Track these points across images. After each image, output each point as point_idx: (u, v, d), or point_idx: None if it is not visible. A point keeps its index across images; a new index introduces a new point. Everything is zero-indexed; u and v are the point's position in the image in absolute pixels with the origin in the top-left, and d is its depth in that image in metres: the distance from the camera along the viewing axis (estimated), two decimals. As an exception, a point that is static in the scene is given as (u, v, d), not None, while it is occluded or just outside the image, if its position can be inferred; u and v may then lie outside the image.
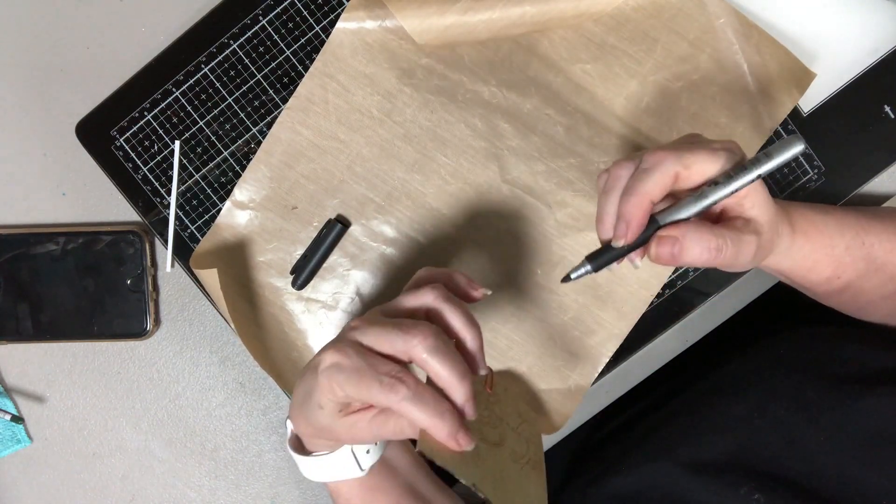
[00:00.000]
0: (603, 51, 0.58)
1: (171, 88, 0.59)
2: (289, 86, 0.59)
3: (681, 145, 0.42)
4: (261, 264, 0.60)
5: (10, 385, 0.62)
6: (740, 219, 0.43)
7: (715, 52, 0.57)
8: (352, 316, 0.60)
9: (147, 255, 0.60)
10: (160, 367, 0.62)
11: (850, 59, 0.58)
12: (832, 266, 0.50)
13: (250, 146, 0.59)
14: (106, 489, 0.63)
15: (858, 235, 0.50)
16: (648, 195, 0.41)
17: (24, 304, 0.60)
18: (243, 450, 0.63)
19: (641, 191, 0.41)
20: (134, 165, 0.59)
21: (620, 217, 0.42)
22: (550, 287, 0.59)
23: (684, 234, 0.41)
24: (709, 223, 0.42)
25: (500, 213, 0.59)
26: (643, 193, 0.41)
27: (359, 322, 0.44)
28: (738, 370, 0.59)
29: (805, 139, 0.59)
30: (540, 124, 0.58)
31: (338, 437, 0.45)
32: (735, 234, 0.42)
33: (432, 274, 0.47)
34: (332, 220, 0.59)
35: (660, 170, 0.41)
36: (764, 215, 0.44)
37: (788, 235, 0.48)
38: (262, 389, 0.63)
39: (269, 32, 0.58)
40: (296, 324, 0.60)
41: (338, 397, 0.42)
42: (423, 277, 0.47)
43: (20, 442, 0.62)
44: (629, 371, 0.62)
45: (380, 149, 0.59)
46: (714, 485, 0.50)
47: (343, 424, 0.44)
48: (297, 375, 0.61)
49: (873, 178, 0.60)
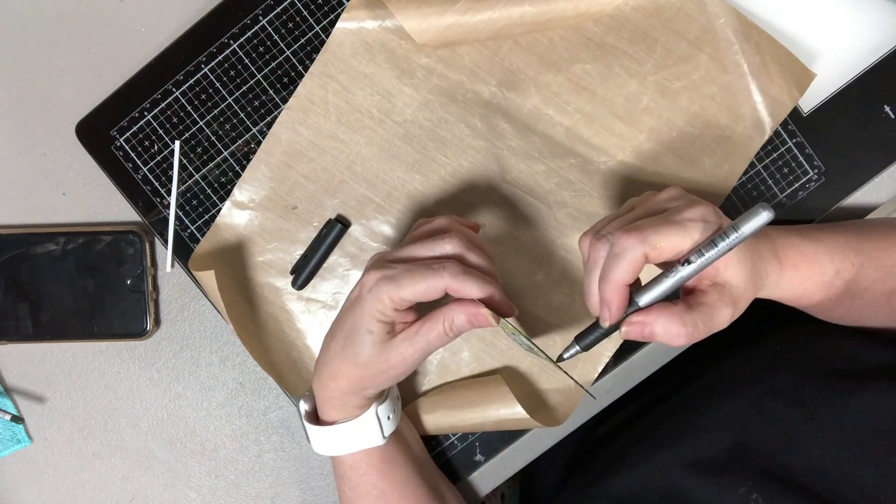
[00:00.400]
0: (603, 51, 0.58)
1: (171, 88, 0.59)
2: (289, 86, 0.59)
3: (648, 226, 0.43)
4: (261, 264, 0.60)
5: (10, 385, 0.62)
6: (714, 285, 0.44)
7: (715, 52, 0.57)
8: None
9: (147, 255, 0.60)
10: (160, 367, 0.62)
11: (850, 59, 0.58)
12: (822, 292, 0.50)
13: (250, 146, 0.59)
14: (106, 489, 0.63)
15: (848, 258, 0.50)
16: (621, 281, 0.43)
17: (24, 304, 0.60)
18: (243, 450, 0.63)
19: (614, 278, 0.43)
20: (134, 165, 0.59)
21: (602, 301, 0.44)
22: (550, 287, 0.59)
23: (654, 320, 0.43)
24: (682, 306, 0.43)
25: (500, 213, 0.59)
26: (616, 280, 0.43)
27: (379, 254, 0.50)
28: (734, 368, 0.59)
29: (805, 139, 0.59)
30: (540, 124, 0.58)
31: (388, 364, 0.48)
32: (706, 311, 0.43)
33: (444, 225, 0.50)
34: (332, 220, 0.59)
35: (627, 257, 0.42)
36: (737, 276, 0.44)
37: (776, 270, 0.48)
38: (262, 389, 0.63)
39: (269, 32, 0.58)
40: (296, 324, 0.60)
41: (388, 313, 0.46)
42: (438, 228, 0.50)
43: (20, 442, 0.62)
44: (629, 371, 0.62)
45: (380, 149, 0.59)
46: (713, 484, 0.50)
47: (393, 346, 0.47)
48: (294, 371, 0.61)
49: (873, 178, 0.60)
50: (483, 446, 0.62)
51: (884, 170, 0.60)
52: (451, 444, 0.62)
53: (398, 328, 0.48)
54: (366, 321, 0.47)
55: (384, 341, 0.48)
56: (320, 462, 0.63)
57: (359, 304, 0.48)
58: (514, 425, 0.58)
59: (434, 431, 0.60)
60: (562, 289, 0.59)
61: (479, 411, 0.58)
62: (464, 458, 0.62)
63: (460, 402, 0.59)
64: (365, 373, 0.49)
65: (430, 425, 0.60)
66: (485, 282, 0.46)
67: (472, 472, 0.62)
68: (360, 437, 0.53)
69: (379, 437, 0.53)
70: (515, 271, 0.59)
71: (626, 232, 0.42)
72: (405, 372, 0.49)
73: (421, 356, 0.48)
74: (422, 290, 0.46)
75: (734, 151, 0.58)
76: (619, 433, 0.65)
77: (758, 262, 0.46)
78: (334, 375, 0.50)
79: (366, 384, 0.50)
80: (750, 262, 0.45)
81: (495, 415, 0.58)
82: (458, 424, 0.59)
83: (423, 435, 0.60)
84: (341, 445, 0.53)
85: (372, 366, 0.48)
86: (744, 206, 0.60)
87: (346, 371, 0.49)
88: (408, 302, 0.46)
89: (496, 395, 0.58)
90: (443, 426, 0.60)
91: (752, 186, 0.60)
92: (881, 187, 0.61)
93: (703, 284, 0.45)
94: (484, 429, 0.60)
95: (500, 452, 0.62)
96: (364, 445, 0.53)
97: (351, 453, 0.54)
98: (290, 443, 0.63)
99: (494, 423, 0.58)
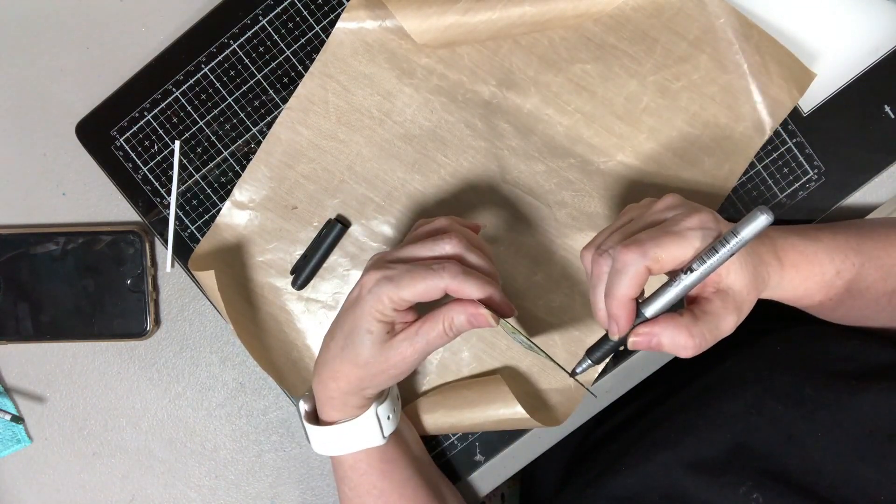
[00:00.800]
0: (603, 51, 0.58)
1: (171, 88, 0.59)
2: (289, 86, 0.59)
3: (648, 239, 0.43)
4: (260, 264, 0.60)
5: (10, 385, 0.62)
6: (718, 293, 0.44)
7: (715, 52, 0.57)
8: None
9: (147, 255, 0.60)
10: (160, 367, 0.62)
11: (850, 59, 0.58)
12: (823, 292, 0.50)
13: (250, 146, 0.59)
14: (106, 489, 0.63)
15: (848, 258, 0.50)
16: (626, 296, 0.43)
17: (24, 304, 0.60)
18: (243, 450, 0.63)
19: (618, 294, 0.43)
20: (134, 165, 0.59)
21: (609, 316, 0.44)
22: (550, 287, 0.59)
23: (661, 332, 0.43)
24: (688, 317, 0.43)
25: (500, 214, 0.59)
26: (621, 296, 0.43)
27: (378, 254, 0.50)
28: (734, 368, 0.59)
29: (805, 139, 0.59)
30: (540, 124, 0.58)
31: (388, 364, 0.48)
32: (712, 320, 0.43)
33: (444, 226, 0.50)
34: (332, 220, 0.59)
35: (629, 272, 0.42)
36: (740, 281, 0.44)
37: (777, 271, 0.48)
38: (262, 389, 0.63)
39: (269, 32, 0.58)
40: (296, 324, 0.60)
41: (387, 313, 0.47)
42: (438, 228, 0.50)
43: (20, 442, 0.62)
44: (629, 371, 0.62)
45: (380, 149, 0.59)
46: (713, 484, 0.50)
47: (393, 346, 0.47)
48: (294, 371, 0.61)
49: (873, 178, 0.60)
50: (483, 446, 0.62)
51: (884, 170, 0.60)
52: (451, 444, 0.62)
53: (398, 328, 0.48)
54: (365, 321, 0.47)
55: (384, 341, 0.48)
56: (320, 462, 0.63)
57: (358, 305, 0.48)
58: (514, 425, 0.58)
59: (434, 431, 0.60)
60: (562, 289, 0.59)
61: (478, 411, 0.58)
62: (464, 458, 0.62)
63: (460, 402, 0.59)
64: (365, 373, 0.49)
65: (430, 425, 0.60)
66: (484, 282, 0.46)
67: (472, 472, 0.62)
68: (360, 437, 0.53)
69: (379, 437, 0.53)
70: (515, 271, 0.59)
71: (626, 247, 0.42)
72: (405, 372, 0.49)
73: (421, 356, 0.48)
74: (421, 290, 0.46)
75: (734, 151, 0.58)
76: (619, 433, 0.65)
77: (759, 264, 0.46)
78: (334, 375, 0.50)
79: (365, 384, 0.50)
80: (751, 266, 0.45)
81: (495, 415, 0.58)
82: (458, 424, 0.59)
83: (423, 435, 0.60)
84: (341, 445, 0.53)
85: (372, 366, 0.48)
86: (744, 205, 0.60)
87: (345, 371, 0.49)
88: (407, 302, 0.46)
89: (496, 395, 0.58)
90: (443, 426, 0.60)
91: (752, 186, 0.60)
92: (881, 187, 0.61)
93: (706, 292, 0.45)
94: (484, 429, 0.60)
95: (500, 452, 0.62)
96: (364, 445, 0.53)
97: (351, 453, 0.54)
98: (290, 443, 0.63)
99: (494, 423, 0.58)
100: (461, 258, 0.48)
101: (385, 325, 0.48)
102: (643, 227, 0.45)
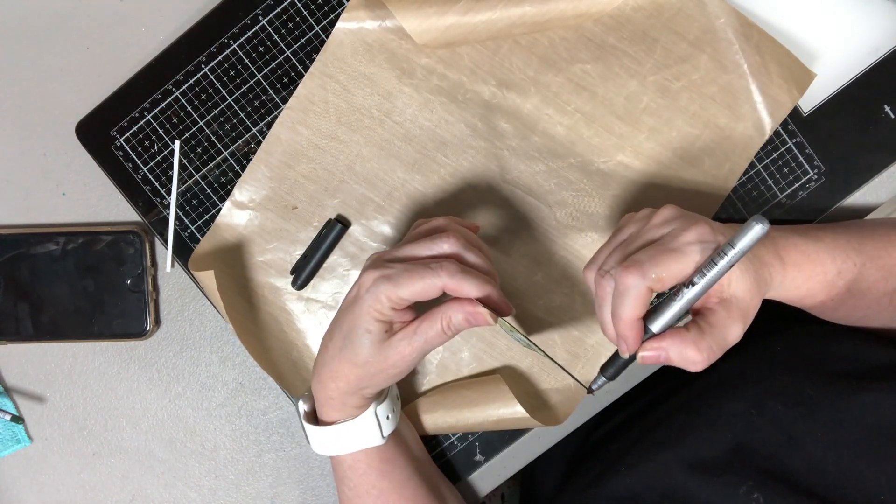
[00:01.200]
0: (603, 51, 0.58)
1: (171, 88, 0.59)
2: (289, 86, 0.59)
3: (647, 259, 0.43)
4: (261, 264, 0.60)
5: (10, 385, 0.62)
6: (722, 302, 0.44)
7: (715, 52, 0.57)
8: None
9: (147, 255, 0.60)
10: (160, 367, 0.62)
11: (850, 59, 0.58)
12: (825, 292, 0.50)
13: (250, 146, 0.59)
14: (106, 489, 0.63)
15: (850, 258, 0.51)
16: (631, 318, 0.43)
17: (24, 304, 0.60)
18: (243, 450, 0.63)
19: (624, 315, 0.43)
20: (134, 165, 0.59)
21: (618, 336, 0.45)
22: (550, 287, 0.59)
23: (668, 347, 0.44)
24: (695, 331, 0.44)
25: (500, 213, 0.59)
26: (626, 318, 0.43)
27: (376, 253, 0.50)
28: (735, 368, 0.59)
29: (805, 139, 0.59)
30: (540, 124, 0.58)
31: (387, 363, 0.48)
32: (718, 332, 0.44)
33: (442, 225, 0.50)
34: (332, 220, 0.59)
35: (632, 294, 0.43)
36: (742, 288, 0.44)
37: (780, 271, 0.49)
38: (262, 389, 0.63)
39: (269, 32, 0.58)
40: (296, 324, 0.60)
41: (385, 312, 0.47)
42: (436, 227, 0.50)
43: (20, 442, 0.62)
44: (629, 371, 0.62)
45: (380, 149, 0.59)
46: (713, 484, 0.50)
47: (392, 345, 0.48)
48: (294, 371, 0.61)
49: (873, 178, 0.60)
50: (483, 446, 0.62)
51: (884, 170, 0.60)
52: (451, 444, 0.62)
53: (396, 327, 0.48)
54: (364, 321, 0.47)
55: (382, 340, 0.48)
56: (320, 462, 0.63)
57: (357, 304, 0.48)
58: (514, 425, 0.58)
59: (434, 431, 0.60)
60: (562, 289, 0.59)
61: (478, 411, 0.58)
62: (464, 458, 0.62)
63: (460, 401, 0.59)
64: (363, 372, 0.49)
65: (430, 425, 0.60)
66: (482, 281, 0.46)
67: (472, 472, 0.62)
68: (360, 437, 0.53)
69: (378, 437, 0.53)
70: (515, 271, 0.59)
71: (627, 269, 0.43)
72: (404, 371, 0.49)
73: (419, 355, 0.48)
74: (419, 289, 0.46)
75: (734, 151, 0.58)
76: (620, 433, 0.65)
77: (760, 268, 0.46)
78: (333, 376, 0.50)
79: (364, 384, 0.50)
80: (752, 272, 0.45)
81: (495, 414, 0.58)
82: (457, 424, 0.59)
83: (423, 435, 0.60)
84: (340, 445, 0.53)
85: (370, 365, 0.48)
86: (744, 206, 0.60)
87: (344, 371, 0.49)
88: (406, 301, 0.47)
89: (496, 395, 0.58)
90: (442, 426, 0.59)
91: (752, 186, 0.60)
92: (881, 187, 0.61)
93: (710, 302, 0.45)
94: (484, 428, 0.60)
95: (500, 452, 0.62)
96: (363, 445, 0.53)
97: (350, 453, 0.54)
98: (290, 443, 0.63)
99: (494, 423, 0.58)
100: (459, 257, 0.48)
101: (383, 324, 0.48)
102: (642, 245, 0.45)
